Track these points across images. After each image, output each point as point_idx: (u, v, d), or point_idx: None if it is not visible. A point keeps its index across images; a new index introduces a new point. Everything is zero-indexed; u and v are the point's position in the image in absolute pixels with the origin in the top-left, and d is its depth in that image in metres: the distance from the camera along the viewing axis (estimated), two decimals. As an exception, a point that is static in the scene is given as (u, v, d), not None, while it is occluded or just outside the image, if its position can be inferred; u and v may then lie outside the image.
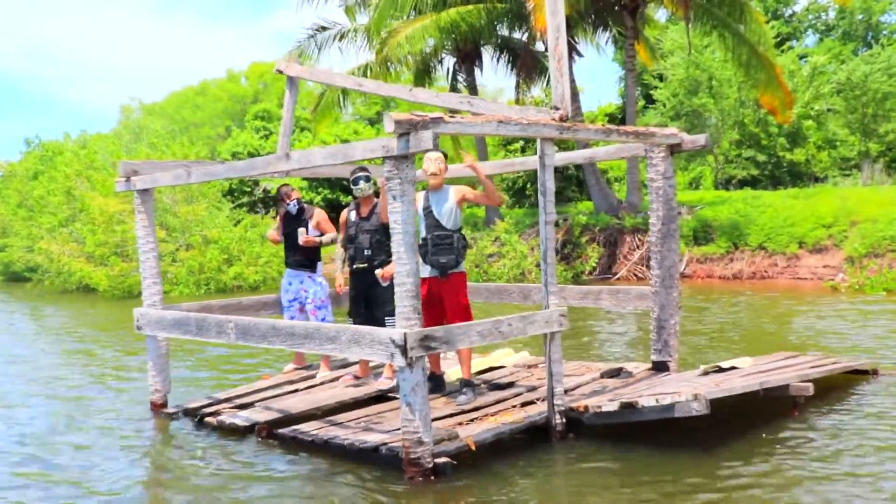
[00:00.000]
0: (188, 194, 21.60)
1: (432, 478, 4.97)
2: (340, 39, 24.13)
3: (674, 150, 6.95)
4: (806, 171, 30.73)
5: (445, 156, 6.37)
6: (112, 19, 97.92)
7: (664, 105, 30.09)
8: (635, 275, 18.80)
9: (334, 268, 7.73)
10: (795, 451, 5.38)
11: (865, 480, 4.79)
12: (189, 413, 6.86)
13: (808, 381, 6.26)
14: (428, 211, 6.27)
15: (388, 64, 21.93)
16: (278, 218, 8.07)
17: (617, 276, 18.94)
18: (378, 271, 6.79)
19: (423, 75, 24.40)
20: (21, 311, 18.51)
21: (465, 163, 6.38)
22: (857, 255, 15.87)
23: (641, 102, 33.06)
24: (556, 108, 5.78)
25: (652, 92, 31.39)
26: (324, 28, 24.02)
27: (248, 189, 28.23)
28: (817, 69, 30.21)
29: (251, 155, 31.37)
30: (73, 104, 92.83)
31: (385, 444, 5.36)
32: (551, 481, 5.15)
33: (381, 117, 37.79)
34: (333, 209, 25.64)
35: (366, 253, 6.91)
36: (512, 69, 24.82)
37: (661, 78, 30.93)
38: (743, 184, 30.32)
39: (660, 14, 25.43)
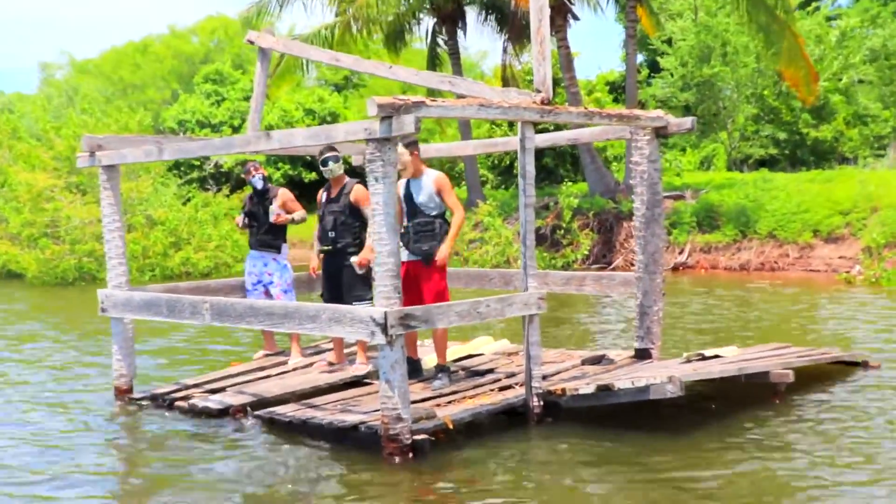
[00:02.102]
0: (129, 168, 22.39)
1: (410, 455, 5.99)
2: (306, -5, 25.06)
3: (659, 132, 8.00)
4: (832, 151, 31.95)
5: (415, 143, 7.31)
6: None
7: (671, 74, 31.11)
8: (632, 264, 19.94)
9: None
10: (772, 437, 6.47)
11: (833, 467, 5.88)
12: (157, 398, 7.84)
13: (791, 369, 7.38)
14: (409, 198, 7.29)
15: (357, 26, 22.81)
16: (245, 200, 9.05)
17: (612, 265, 20.04)
18: (353, 259, 7.73)
19: (395, 38, 25.34)
20: None
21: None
22: (876, 246, 17.10)
23: (646, 72, 34.15)
24: (538, 91, 6.82)
25: (659, 59, 32.41)
26: (286, -20, 24.92)
27: (199, 163, 29.05)
28: (847, 34, 31.45)
29: (200, 123, 32.22)
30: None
31: (364, 422, 6.40)
32: (526, 463, 6.19)
33: (348, 83, 38.79)
34: (295, 186, 26.62)
35: (329, 235, 7.84)
36: (499, 31, 25.87)
37: (669, 42, 31.92)
38: (761, 164, 31.53)
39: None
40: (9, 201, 22.04)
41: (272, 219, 8.58)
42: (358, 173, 8.10)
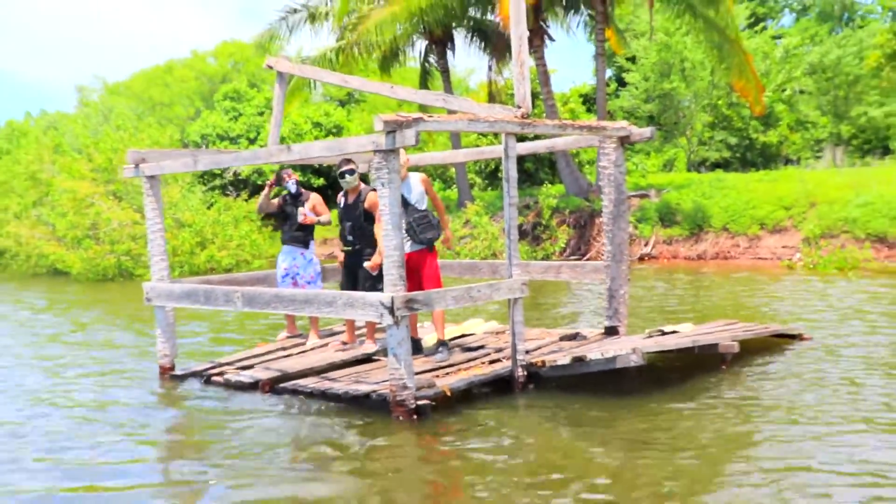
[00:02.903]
0: (161, 177, 22.64)
1: (415, 417, 6.31)
2: (312, 22, 25.26)
3: (624, 141, 8.32)
4: (778, 154, 32.36)
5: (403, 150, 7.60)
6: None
7: (636, 88, 31.43)
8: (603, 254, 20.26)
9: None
10: (723, 398, 6.79)
11: (779, 416, 6.21)
12: (196, 375, 8.14)
13: (737, 341, 7.72)
14: (403, 199, 7.57)
15: (357, 49, 23.02)
16: (276, 200, 9.27)
17: (586, 256, 20.35)
18: (366, 264, 7.84)
19: (391, 59, 25.57)
20: (2, 293, 19.32)
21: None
22: (814, 236, 17.49)
23: (614, 85, 34.46)
24: (519, 107, 7.13)
25: (625, 75, 32.72)
26: (295, 10, 25.13)
27: (220, 172, 29.25)
28: (790, 51, 31.83)
29: (220, 136, 32.38)
30: (24, 80, 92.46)
31: (375, 391, 6.72)
32: (514, 422, 6.50)
33: (350, 98, 38.96)
34: (306, 189, 26.85)
35: (348, 238, 8.08)
36: (484, 51, 26.12)
37: (633, 60, 32.24)
38: (716, 166, 31.89)
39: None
40: (54, 208, 22.29)
41: (300, 219, 8.85)
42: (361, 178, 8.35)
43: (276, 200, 9.22)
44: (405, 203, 7.63)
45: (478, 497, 4.87)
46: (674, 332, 8.27)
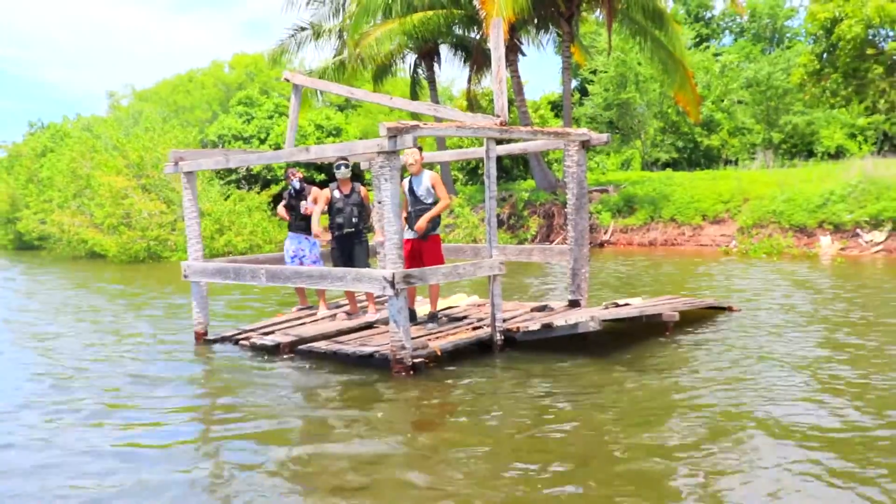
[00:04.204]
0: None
1: (412, 372, 6.71)
2: (317, 38, 25.46)
3: (585, 145, 8.69)
4: (719, 155, 32.85)
5: (420, 149, 7.98)
6: (89, 10, 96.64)
7: (598, 97, 31.80)
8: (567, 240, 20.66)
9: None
10: (664, 356, 7.23)
11: (707, 372, 6.66)
12: (226, 339, 8.48)
13: (678, 312, 8.15)
14: (412, 191, 7.92)
15: (358, 62, 23.26)
16: (285, 195, 9.63)
17: (554, 242, 20.75)
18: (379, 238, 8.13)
19: (384, 71, 25.81)
20: (52, 273, 19.41)
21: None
22: (747, 226, 17.95)
23: (578, 95, 34.82)
24: (498, 116, 7.49)
25: (588, 85, 33.07)
26: (302, 28, 25.32)
27: (236, 168, 29.36)
28: (728, 66, 32.29)
29: (234, 137, 32.50)
30: (56, 88, 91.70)
31: (378, 351, 7.09)
32: (493, 376, 6.89)
33: (348, 103, 39.05)
34: (309, 183, 27.14)
35: (353, 220, 8.44)
36: (465, 63, 26.38)
37: (595, 73, 32.58)
38: (666, 165, 32.34)
39: (597, 13, 27.15)
40: (92, 199, 22.43)
41: (303, 211, 9.18)
42: (356, 174, 8.63)
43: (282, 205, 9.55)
44: (413, 195, 7.92)
45: (458, 427, 5.28)
46: (626, 304, 8.68)
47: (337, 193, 8.49)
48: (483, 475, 4.47)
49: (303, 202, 9.24)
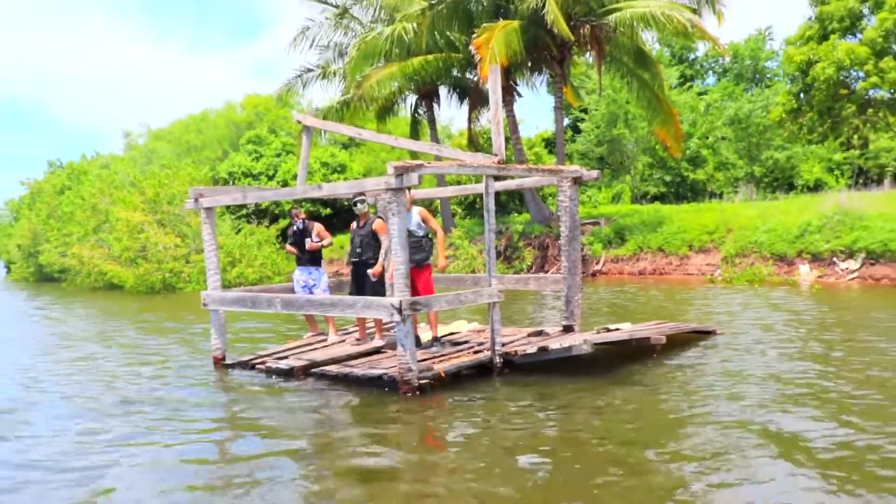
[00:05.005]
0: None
1: (418, 392, 6.93)
2: (323, 78, 25.97)
3: (577, 180, 9.00)
4: (704, 189, 33.31)
5: (409, 189, 8.23)
6: (106, 52, 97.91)
7: (589, 134, 32.29)
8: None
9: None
10: (653, 376, 7.45)
11: (693, 388, 6.89)
12: (242, 364, 8.71)
13: (665, 335, 8.39)
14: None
15: (361, 102, 23.74)
16: (290, 233, 9.89)
17: (548, 272, 20.99)
18: (369, 271, 8.57)
19: (387, 111, 26.28)
20: (77, 303, 19.62)
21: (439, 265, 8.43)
22: (730, 256, 18.24)
23: (570, 132, 35.37)
24: (496, 155, 7.81)
25: (579, 123, 33.59)
26: (308, 70, 25.85)
27: (245, 204, 29.74)
28: (712, 105, 32.84)
29: (244, 174, 32.93)
30: (74, 126, 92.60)
31: (386, 373, 7.33)
32: (494, 396, 7.10)
33: (351, 142, 39.55)
34: (314, 218, 27.49)
35: (357, 251, 8.70)
36: (462, 102, 26.86)
37: (586, 111, 33.13)
38: (654, 199, 32.78)
39: (587, 55, 27.72)
40: (110, 233, 22.72)
41: (307, 247, 9.43)
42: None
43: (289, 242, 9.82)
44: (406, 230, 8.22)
45: (463, 442, 5.50)
46: (617, 329, 8.92)
47: (354, 226, 8.79)
48: (485, 487, 4.69)
49: (307, 239, 9.50)
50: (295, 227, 9.66)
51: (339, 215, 31.96)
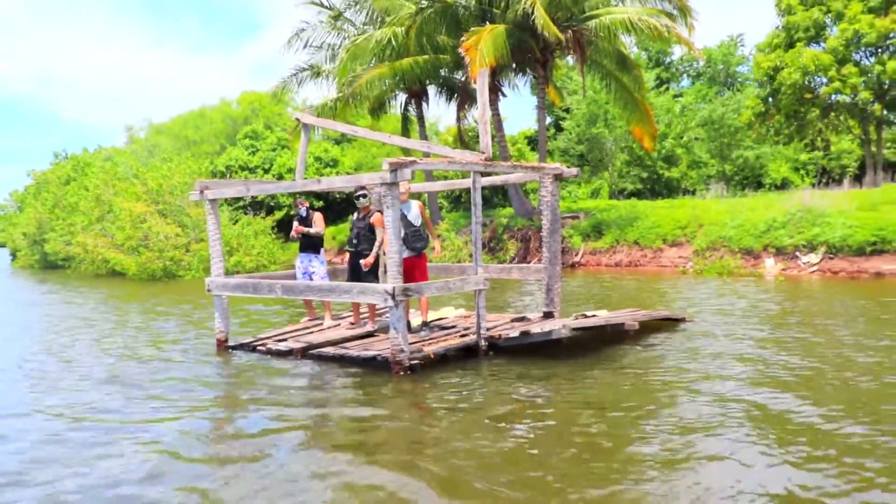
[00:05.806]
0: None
1: (409, 372, 7.16)
2: (316, 77, 26.03)
3: (558, 177, 9.23)
4: (678, 186, 33.68)
5: (409, 181, 8.42)
6: (108, 51, 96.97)
7: (570, 133, 32.54)
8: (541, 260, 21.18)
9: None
10: (626, 358, 7.72)
11: (665, 367, 7.16)
12: (244, 346, 8.88)
13: (638, 322, 8.66)
14: (403, 217, 8.41)
15: (353, 100, 23.84)
16: (295, 220, 10.08)
17: (530, 263, 21.26)
18: (362, 261, 8.74)
19: (378, 109, 26.38)
20: (80, 289, 19.66)
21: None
22: (701, 249, 18.56)
23: (552, 130, 35.61)
24: (483, 153, 8.03)
25: (561, 122, 33.82)
26: (303, 69, 25.89)
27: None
28: (687, 107, 33.16)
29: (241, 167, 32.94)
30: (76, 122, 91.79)
31: (379, 354, 7.54)
32: (479, 376, 7.33)
33: (343, 137, 39.62)
34: (312, 209, 27.60)
35: (354, 241, 8.87)
36: (450, 100, 27.01)
37: (567, 111, 33.36)
38: (631, 195, 33.10)
39: (568, 58, 27.93)
40: (113, 223, 22.73)
41: (292, 234, 9.58)
42: (349, 200, 9.12)
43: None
44: (405, 220, 8.42)
45: (450, 416, 5.74)
46: (593, 315, 9.16)
47: (354, 216, 8.95)
48: (471, 454, 4.93)
49: (297, 225, 9.67)
50: (298, 215, 9.86)
51: (330, 207, 32.07)
